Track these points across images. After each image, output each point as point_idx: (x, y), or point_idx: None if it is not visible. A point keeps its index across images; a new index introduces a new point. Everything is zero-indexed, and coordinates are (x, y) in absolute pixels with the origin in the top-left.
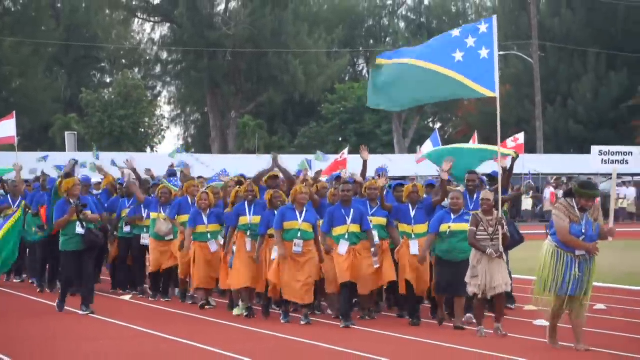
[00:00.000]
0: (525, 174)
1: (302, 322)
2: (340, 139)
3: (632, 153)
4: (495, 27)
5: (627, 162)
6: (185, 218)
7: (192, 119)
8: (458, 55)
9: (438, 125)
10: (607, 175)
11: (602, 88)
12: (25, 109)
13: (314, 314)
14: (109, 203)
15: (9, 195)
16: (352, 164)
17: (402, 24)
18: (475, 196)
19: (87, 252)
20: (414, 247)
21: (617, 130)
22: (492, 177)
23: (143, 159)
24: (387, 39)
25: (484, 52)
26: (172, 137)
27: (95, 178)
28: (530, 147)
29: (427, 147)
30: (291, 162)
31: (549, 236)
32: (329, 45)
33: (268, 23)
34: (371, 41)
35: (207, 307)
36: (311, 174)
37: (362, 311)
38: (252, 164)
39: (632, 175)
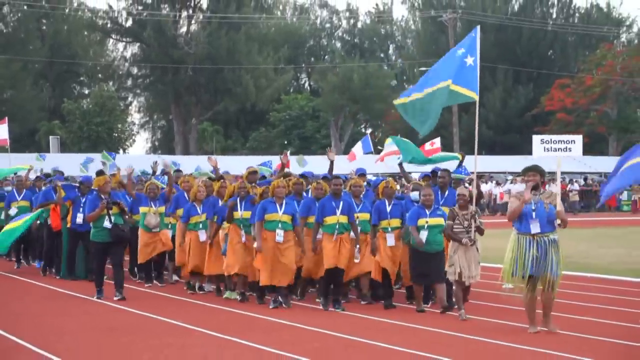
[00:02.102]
0: None
1: (284, 305)
2: (286, 142)
3: (574, 141)
4: (478, 36)
5: (570, 150)
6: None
7: (158, 125)
8: (451, 67)
9: (370, 130)
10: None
11: (510, 99)
12: (15, 116)
13: (293, 298)
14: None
15: (14, 190)
16: (295, 164)
17: (338, 44)
18: (446, 192)
19: (114, 245)
20: (391, 239)
21: (522, 135)
22: (435, 174)
23: (117, 159)
24: (326, 57)
25: (469, 60)
26: (142, 141)
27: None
28: (447, 150)
29: (358, 149)
30: (245, 163)
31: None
32: (276, 62)
33: (224, 43)
34: (312, 59)
35: (200, 292)
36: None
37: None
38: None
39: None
